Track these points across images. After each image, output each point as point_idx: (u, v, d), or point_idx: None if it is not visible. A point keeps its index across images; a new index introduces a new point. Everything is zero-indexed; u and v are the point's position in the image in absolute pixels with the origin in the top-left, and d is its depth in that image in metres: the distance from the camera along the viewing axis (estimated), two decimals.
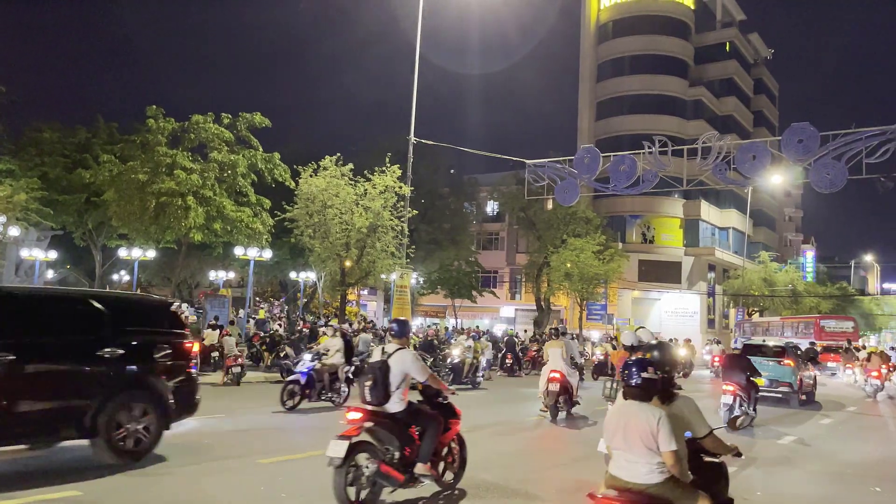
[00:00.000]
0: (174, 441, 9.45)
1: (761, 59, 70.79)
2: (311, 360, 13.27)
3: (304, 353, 13.98)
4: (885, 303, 79.82)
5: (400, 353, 6.58)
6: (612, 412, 4.39)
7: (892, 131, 16.56)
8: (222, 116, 21.01)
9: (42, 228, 26.64)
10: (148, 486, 6.91)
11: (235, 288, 40.32)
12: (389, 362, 6.48)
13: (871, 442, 12.37)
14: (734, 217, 59.10)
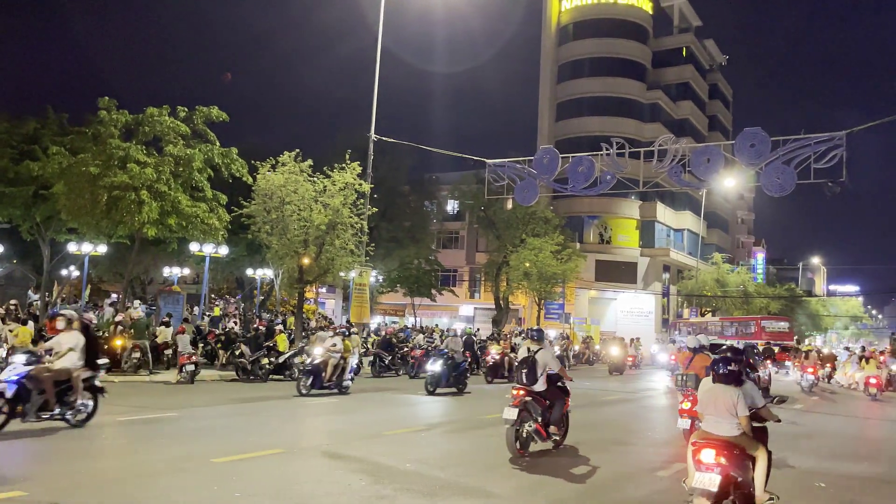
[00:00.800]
0: (124, 439, 9.25)
1: (716, 65, 72.43)
2: (25, 364, 9.16)
3: (17, 354, 9.79)
4: (830, 304, 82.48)
5: (542, 351, 9.46)
6: (703, 391, 6.42)
7: (839, 138, 17.11)
8: (178, 110, 20.57)
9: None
10: (100, 485, 6.74)
11: (190, 285, 39.57)
12: (536, 357, 9.32)
13: (816, 438, 12.75)
14: (689, 219, 60.35)
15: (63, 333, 9.96)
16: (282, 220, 20.83)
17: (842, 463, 10.30)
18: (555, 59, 59.47)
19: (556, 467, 8.57)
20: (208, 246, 23.41)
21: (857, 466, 10.19)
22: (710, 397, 6.28)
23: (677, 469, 8.79)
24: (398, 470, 7.88)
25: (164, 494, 6.56)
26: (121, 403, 12.48)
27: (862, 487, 8.78)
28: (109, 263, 30.72)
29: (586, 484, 7.81)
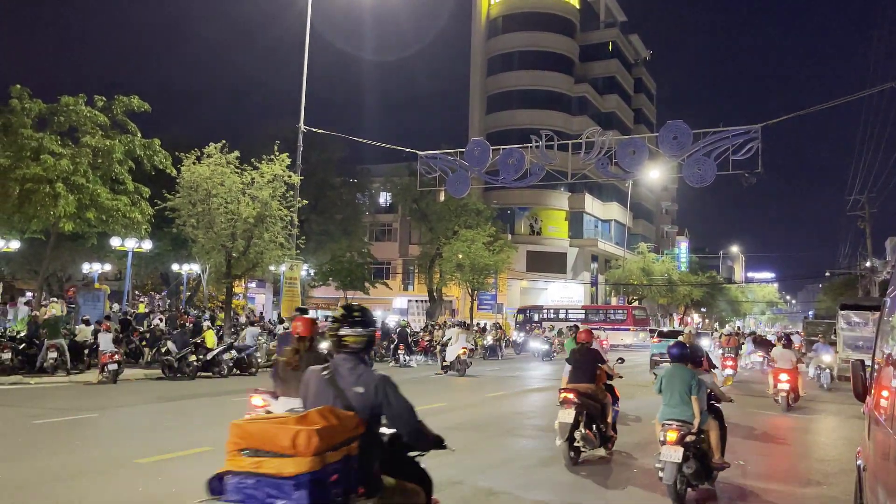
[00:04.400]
0: (40, 442, 8.85)
1: (641, 60, 74.48)
2: None
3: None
4: (748, 290, 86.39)
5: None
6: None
7: (755, 130, 17.90)
8: (96, 99, 19.73)
9: None
10: (13, 491, 6.43)
11: (112, 281, 38.08)
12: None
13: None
14: (616, 210, 61.96)
15: None
16: (208, 213, 20.30)
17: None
18: (485, 52, 59.89)
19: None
20: (131, 241, 22.59)
21: None
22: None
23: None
24: None
25: (86, 496, 6.31)
26: (36, 406, 11.93)
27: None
28: (23, 260, 29.25)
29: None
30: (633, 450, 9.26)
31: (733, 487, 7.44)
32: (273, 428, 2.98)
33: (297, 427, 2.92)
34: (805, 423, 13.53)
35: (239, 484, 2.96)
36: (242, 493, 2.95)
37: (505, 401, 15.34)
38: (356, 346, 3.53)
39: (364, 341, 3.55)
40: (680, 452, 6.49)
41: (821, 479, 8.19)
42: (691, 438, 6.69)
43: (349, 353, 3.53)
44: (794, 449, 10.84)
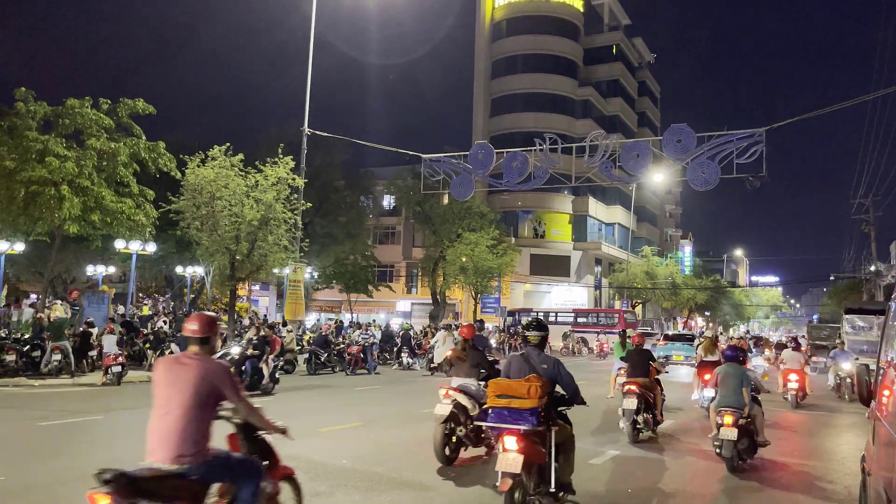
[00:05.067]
0: (45, 444, 8.87)
1: (645, 63, 74.48)
2: None
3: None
4: (752, 294, 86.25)
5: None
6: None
7: (759, 134, 17.88)
8: (101, 102, 19.79)
9: None
10: (21, 493, 6.44)
11: (117, 283, 38.19)
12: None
13: None
14: (619, 213, 61.91)
15: None
16: (212, 215, 20.33)
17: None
18: (489, 55, 59.95)
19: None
20: (135, 243, 22.64)
21: None
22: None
23: (610, 456, 9.05)
24: (334, 466, 7.82)
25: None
26: (41, 408, 11.96)
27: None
28: (28, 262, 29.38)
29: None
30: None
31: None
32: (516, 384, 5.65)
33: (528, 384, 5.58)
34: (812, 417, 14.88)
35: (498, 412, 5.62)
36: (499, 417, 5.58)
37: None
38: (536, 341, 6.06)
39: (540, 338, 6.09)
40: (735, 432, 8.25)
41: (830, 457, 10.30)
42: (743, 421, 8.42)
43: (533, 346, 6.06)
44: (806, 436, 12.42)
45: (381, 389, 17.50)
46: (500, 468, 5.27)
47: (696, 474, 8.43)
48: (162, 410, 3.89)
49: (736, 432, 8.22)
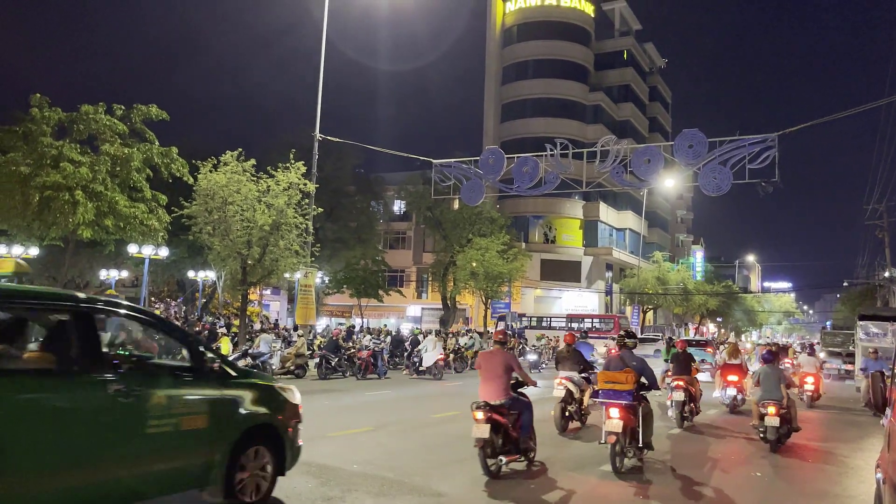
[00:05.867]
0: None
1: (656, 68, 74.33)
2: None
3: None
4: (765, 300, 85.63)
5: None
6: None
7: (771, 139, 17.78)
8: (115, 108, 19.97)
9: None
10: None
11: (129, 288, 38.42)
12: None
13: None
14: (630, 218, 61.72)
15: None
16: (224, 220, 20.42)
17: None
18: (499, 61, 60.02)
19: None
20: (148, 248, 22.79)
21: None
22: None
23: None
24: (345, 471, 7.82)
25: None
26: None
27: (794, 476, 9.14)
28: (42, 267, 29.61)
29: (534, 479, 7.92)
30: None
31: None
32: (617, 374, 8.48)
33: (625, 374, 8.43)
34: (826, 414, 16.75)
35: (606, 392, 8.41)
36: (607, 395, 8.37)
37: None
38: (630, 346, 9.21)
39: (633, 344, 9.34)
40: (778, 420, 10.23)
41: (845, 441, 12.45)
42: (783, 411, 10.37)
43: (628, 349, 9.12)
44: (824, 427, 14.38)
45: (392, 394, 17.50)
46: (607, 429, 8.13)
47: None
48: (488, 375, 8.01)
49: (779, 420, 10.24)
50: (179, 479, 5.26)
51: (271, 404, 6.15)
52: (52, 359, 4.75)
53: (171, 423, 5.13)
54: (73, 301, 4.96)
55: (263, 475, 5.92)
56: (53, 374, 4.64)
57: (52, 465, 4.31)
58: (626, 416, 8.14)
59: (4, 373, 4.37)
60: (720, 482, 8.23)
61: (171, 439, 5.15)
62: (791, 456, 10.25)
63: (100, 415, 4.66)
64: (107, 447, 4.72)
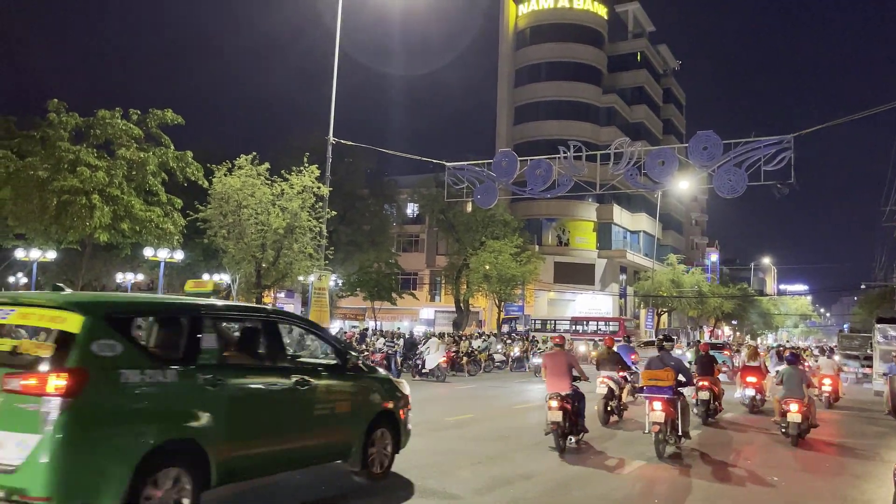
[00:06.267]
0: None
1: (669, 70, 73.97)
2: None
3: None
4: (781, 303, 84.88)
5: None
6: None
7: (787, 140, 17.61)
8: (130, 112, 20.17)
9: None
10: None
11: (145, 291, 38.71)
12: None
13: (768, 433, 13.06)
14: (644, 221, 61.42)
15: None
16: (238, 224, 20.54)
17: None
18: (512, 63, 59.98)
19: (514, 467, 8.64)
20: (163, 251, 22.94)
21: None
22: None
23: (637, 466, 8.97)
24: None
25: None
26: None
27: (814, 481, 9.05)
28: (59, 270, 29.91)
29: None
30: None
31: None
32: (659, 372, 9.84)
33: (665, 372, 9.78)
34: (844, 414, 17.13)
35: (650, 388, 9.80)
36: (650, 390, 9.75)
37: (537, 411, 15.21)
38: (669, 348, 10.64)
39: (671, 346, 10.90)
40: (800, 416, 11.03)
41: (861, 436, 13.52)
42: (804, 408, 11.12)
43: (666, 350, 10.51)
44: (842, 425, 15.06)
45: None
46: (651, 420, 9.43)
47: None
48: (555, 371, 9.92)
49: (800, 416, 11.04)
50: (333, 452, 6.84)
51: (391, 394, 7.64)
52: (251, 356, 6.35)
53: (329, 408, 6.71)
54: (264, 313, 6.90)
55: (386, 453, 7.42)
56: (254, 368, 6.24)
57: (256, 434, 5.89)
58: (667, 409, 9.38)
59: (227, 367, 5.85)
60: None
61: (330, 420, 6.70)
62: (810, 449, 11.17)
63: (285, 399, 6.22)
64: (290, 423, 6.28)
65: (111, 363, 4.91)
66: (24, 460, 4.51)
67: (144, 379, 5.08)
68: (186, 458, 5.23)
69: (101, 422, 4.79)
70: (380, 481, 7.20)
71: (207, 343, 5.78)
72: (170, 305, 6.47)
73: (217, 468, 5.41)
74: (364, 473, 7.07)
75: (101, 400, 4.83)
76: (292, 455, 6.31)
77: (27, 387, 4.67)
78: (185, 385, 5.39)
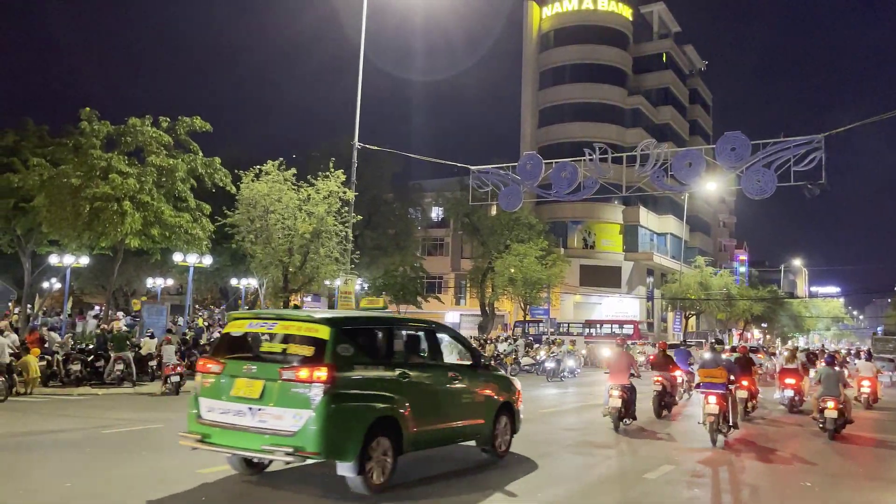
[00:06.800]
0: (109, 451, 9.16)
1: (696, 70, 73.20)
2: None
3: None
4: (812, 305, 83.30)
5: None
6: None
7: (817, 140, 17.33)
8: (160, 120, 20.51)
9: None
10: (88, 499, 6.68)
11: (174, 295, 39.28)
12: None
13: (799, 437, 12.88)
14: (671, 223, 60.81)
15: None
16: (266, 229, 20.74)
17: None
18: (536, 66, 59.84)
19: (541, 470, 8.61)
20: (192, 256, 23.27)
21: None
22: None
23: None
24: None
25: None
26: (104, 416, 12.37)
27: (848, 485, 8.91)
28: (91, 275, 30.44)
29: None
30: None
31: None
32: (713, 371, 11.49)
33: (718, 370, 11.47)
34: (882, 414, 18.12)
35: (706, 384, 11.38)
36: (707, 386, 11.31)
37: (567, 415, 15.13)
38: (720, 350, 14.65)
39: (721, 348, 16.12)
40: (836, 413, 12.18)
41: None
42: (840, 406, 12.25)
43: (715, 352, 13.09)
44: (879, 423, 16.18)
45: None
46: (706, 411, 10.89)
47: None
48: (617, 367, 12.50)
49: (836, 412, 12.19)
50: (473, 433, 8.63)
51: (510, 388, 9.46)
52: (422, 357, 8.36)
53: (471, 398, 8.58)
54: (427, 323, 8.91)
55: (506, 436, 9.17)
56: (426, 365, 8.12)
57: (429, 415, 7.65)
58: (720, 402, 10.93)
59: (410, 364, 7.74)
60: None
61: (472, 408, 8.53)
62: (846, 442, 12.32)
63: (445, 390, 8.16)
64: (449, 408, 8.15)
65: (347, 361, 6.78)
66: (300, 428, 6.34)
67: (365, 373, 7.01)
68: (389, 430, 7.00)
69: (345, 401, 6.61)
70: (503, 458, 8.93)
71: (397, 346, 7.92)
72: (377, 320, 8.95)
73: (406, 439, 7.20)
74: (492, 451, 8.86)
75: (344, 386, 6.63)
76: (449, 433, 8.19)
77: (299, 377, 6.52)
78: (387, 378, 7.21)
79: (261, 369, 6.78)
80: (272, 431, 6.43)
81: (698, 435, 11.52)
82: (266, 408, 6.55)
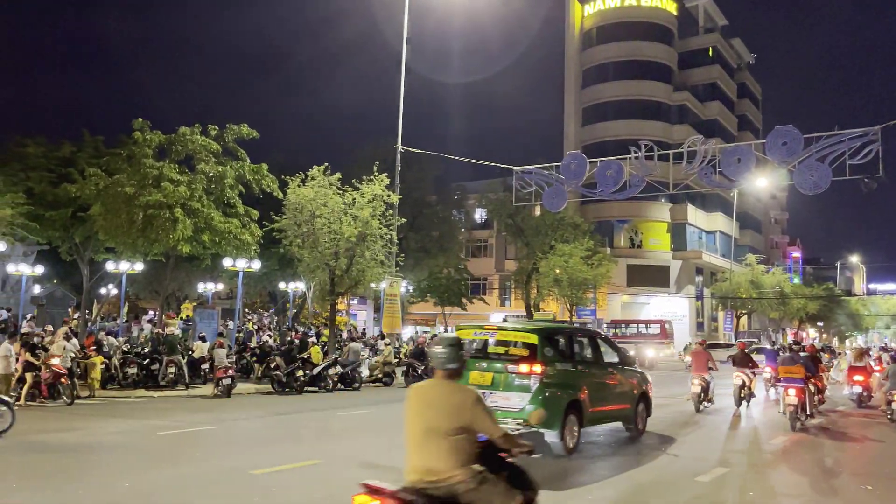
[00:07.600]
0: (164, 452, 9.41)
1: (744, 64, 71.56)
2: None
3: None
4: (871, 303, 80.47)
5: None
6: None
7: (874, 132, 16.76)
8: (209, 128, 20.98)
9: (28, 243, 26.36)
10: (142, 499, 6.87)
11: (224, 300, 40.08)
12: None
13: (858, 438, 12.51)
14: (720, 220, 59.52)
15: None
16: (312, 233, 21.02)
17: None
18: (579, 65, 59.32)
19: (592, 473, 8.52)
20: (241, 261, 23.72)
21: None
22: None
23: (719, 474, 8.70)
24: None
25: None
26: (159, 418, 12.70)
27: None
28: (146, 281, 31.26)
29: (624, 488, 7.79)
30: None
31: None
32: (792, 367, 13.41)
33: (796, 367, 13.41)
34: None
35: (786, 379, 13.25)
36: (787, 381, 13.18)
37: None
38: (797, 349, 16.45)
39: (799, 348, 17.16)
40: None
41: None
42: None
43: (795, 351, 15.46)
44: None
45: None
46: (787, 402, 12.85)
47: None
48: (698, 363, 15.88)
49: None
50: (622, 416, 10.95)
51: (645, 380, 11.75)
52: (589, 356, 10.63)
53: (622, 388, 10.96)
54: (590, 331, 12.38)
55: (644, 418, 11.50)
56: (594, 362, 10.64)
57: (598, 400, 10.07)
58: (799, 394, 12.78)
59: (586, 361, 10.46)
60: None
61: (623, 395, 10.95)
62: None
63: (607, 381, 10.62)
64: (610, 395, 10.57)
65: (551, 360, 9.45)
66: (523, 406, 8.94)
67: (562, 368, 9.63)
68: (576, 410, 9.48)
69: (552, 388, 9.23)
70: (642, 434, 11.31)
71: (577, 349, 10.41)
72: (563, 329, 11.38)
73: (585, 417, 9.71)
74: (634, 430, 11.18)
75: (549, 378, 9.24)
76: (610, 415, 10.61)
77: (521, 371, 9.24)
78: (574, 372, 9.92)
79: (489, 365, 9.47)
80: (503, 409, 8.90)
81: (776, 421, 13.94)
82: (496, 392, 9.22)
